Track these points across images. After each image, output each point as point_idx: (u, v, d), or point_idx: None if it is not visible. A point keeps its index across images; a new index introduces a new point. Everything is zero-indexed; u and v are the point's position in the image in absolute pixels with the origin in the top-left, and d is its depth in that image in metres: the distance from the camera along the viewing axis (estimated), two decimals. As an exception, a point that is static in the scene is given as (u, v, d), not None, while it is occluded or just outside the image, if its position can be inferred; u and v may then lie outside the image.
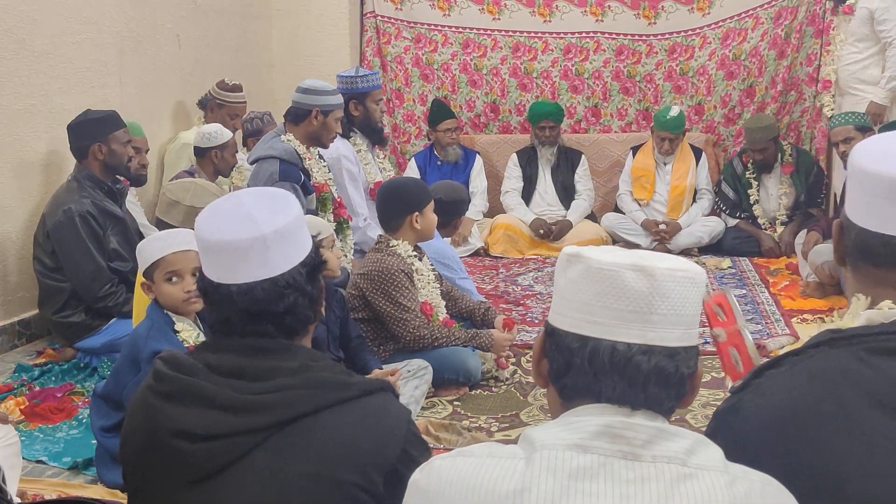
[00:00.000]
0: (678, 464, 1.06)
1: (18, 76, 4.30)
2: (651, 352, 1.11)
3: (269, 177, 3.95)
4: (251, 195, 1.52)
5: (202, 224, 1.50)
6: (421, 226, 3.60)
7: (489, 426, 3.24)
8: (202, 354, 1.50)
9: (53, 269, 4.00)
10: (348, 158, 4.60)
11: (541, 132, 6.33)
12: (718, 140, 6.78)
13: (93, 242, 3.92)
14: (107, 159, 4.03)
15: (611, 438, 1.08)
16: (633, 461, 1.07)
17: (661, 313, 1.11)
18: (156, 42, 5.43)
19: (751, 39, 6.58)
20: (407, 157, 6.89)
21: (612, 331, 1.11)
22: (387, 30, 7.04)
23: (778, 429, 1.24)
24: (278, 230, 1.46)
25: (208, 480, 1.41)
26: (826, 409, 1.22)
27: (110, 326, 3.93)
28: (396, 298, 3.46)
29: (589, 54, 6.83)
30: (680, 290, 1.13)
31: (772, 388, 1.28)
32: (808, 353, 1.30)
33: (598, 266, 1.13)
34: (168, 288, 2.64)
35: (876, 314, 1.31)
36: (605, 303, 1.12)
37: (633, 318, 1.11)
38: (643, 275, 1.11)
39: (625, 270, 1.12)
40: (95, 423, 2.73)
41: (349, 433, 1.40)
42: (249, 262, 1.45)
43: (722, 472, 1.07)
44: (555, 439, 1.09)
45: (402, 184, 3.80)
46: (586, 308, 1.13)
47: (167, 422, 1.43)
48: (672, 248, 5.99)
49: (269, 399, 1.40)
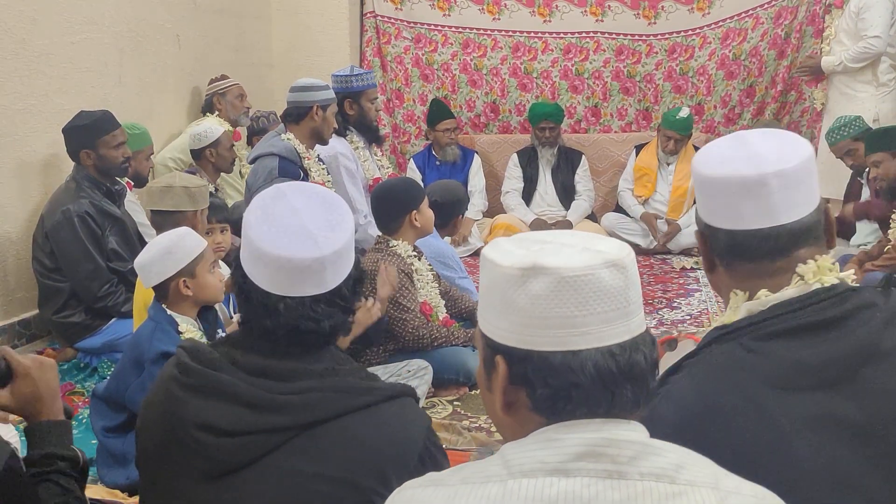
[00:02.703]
0: (667, 482, 1.01)
1: (18, 76, 4.30)
2: (639, 344, 1.06)
3: (269, 173, 3.96)
4: (301, 198, 1.47)
5: (255, 229, 1.45)
6: (420, 223, 3.60)
7: (489, 426, 3.24)
8: (226, 349, 1.49)
9: (52, 270, 3.99)
10: (345, 156, 4.60)
11: (541, 133, 6.33)
12: (718, 140, 6.77)
13: (91, 243, 3.91)
14: (97, 164, 4.01)
15: (594, 458, 1.01)
16: (618, 480, 1.00)
17: (633, 301, 1.07)
18: (156, 42, 5.42)
19: (751, 39, 6.58)
20: (407, 156, 6.89)
21: (603, 336, 1.04)
22: (387, 30, 7.04)
23: (692, 429, 1.28)
24: (336, 251, 1.44)
25: (227, 477, 1.41)
26: (730, 402, 1.30)
27: (110, 326, 3.93)
28: (396, 298, 3.46)
29: (589, 54, 6.83)
30: (635, 270, 1.09)
31: (678, 391, 1.35)
32: (702, 353, 1.38)
33: (571, 275, 1.03)
34: (211, 279, 2.66)
35: (754, 304, 1.39)
36: (590, 310, 1.04)
37: (617, 316, 1.05)
38: (616, 269, 1.05)
39: (599, 270, 1.04)
40: (97, 424, 2.73)
41: (371, 438, 1.41)
42: (303, 279, 1.43)
43: (713, 488, 1.02)
44: (534, 462, 1.02)
45: (395, 185, 3.79)
46: (569, 322, 1.04)
47: (192, 414, 1.42)
48: (672, 247, 6.01)
49: (293, 400, 1.41)
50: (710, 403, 1.31)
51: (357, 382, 1.46)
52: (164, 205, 3.41)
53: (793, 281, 1.39)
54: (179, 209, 3.39)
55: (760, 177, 1.37)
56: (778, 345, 1.33)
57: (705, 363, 1.37)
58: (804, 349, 1.32)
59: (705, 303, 4.82)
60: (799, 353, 1.32)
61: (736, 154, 1.41)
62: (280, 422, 1.40)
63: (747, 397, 1.30)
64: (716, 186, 1.42)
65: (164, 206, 3.41)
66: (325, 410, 1.41)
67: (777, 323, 1.35)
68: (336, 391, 1.43)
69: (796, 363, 1.31)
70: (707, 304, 4.78)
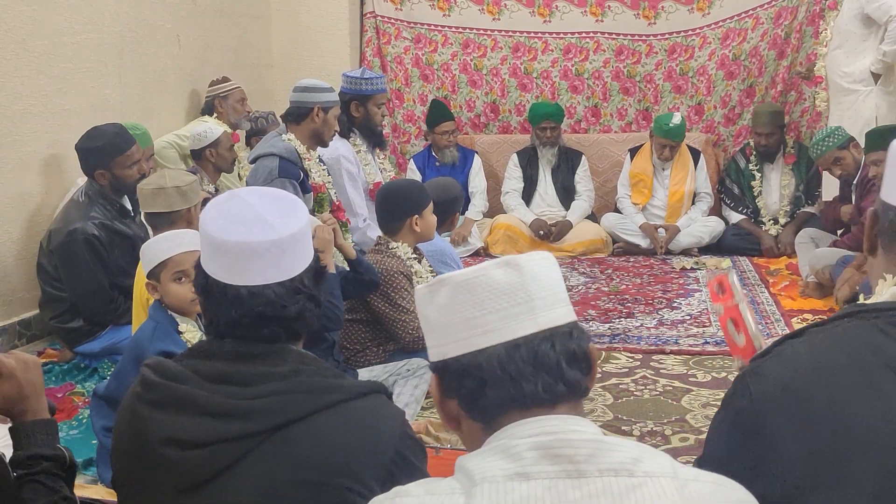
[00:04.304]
0: (626, 475, 1.03)
1: (18, 76, 4.30)
2: (552, 336, 1.11)
3: (269, 173, 3.95)
4: (255, 195, 1.49)
5: (211, 223, 1.46)
6: (421, 228, 3.60)
7: (489, 426, 3.24)
8: (190, 360, 1.48)
9: (56, 279, 3.99)
10: (348, 159, 4.60)
11: (542, 133, 6.33)
12: (718, 140, 6.78)
13: (96, 265, 3.89)
14: (112, 182, 3.99)
15: (552, 459, 1.04)
16: (578, 479, 1.03)
17: (541, 297, 1.12)
18: (156, 42, 5.43)
19: (751, 39, 6.58)
20: (407, 157, 6.89)
21: (505, 332, 1.10)
22: (387, 30, 7.04)
23: (797, 389, 1.23)
24: (294, 234, 1.44)
25: (199, 489, 1.39)
26: (845, 373, 1.22)
27: (109, 332, 3.93)
28: (395, 300, 3.46)
29: (589, 54, 6.83)
30: (546, 271, 1.15)
31: (793, 353, 1.29)
32: (832, 324, 1.31)
33: (463, 279, 1.13)
34: (175, 288, 2.64)
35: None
36: (487, 307, 1.11)
37: (519, 311, 1.11)
38: (509, 268, 1.13)
39: (491, 270, 1.12)
40: (97, 424, 2.73)
41: (341, 437, 1.39)
42: (262, 265, 1.43)
43: (672, 477, 1.04)
44: (495, 470, 1.05)
45: (401, 186, 3.81)
46: (470, 323, 1.11)
47: (156, 430, 1.41)
48: (673, 248, 6.01)
49: (259, 405, 1.38)
50: (823, 369, 1.23)
51: (323, 381, 1.44)
52: (157, 206, 3.33)
53: None
54: (173, 209, 3.33)
55: None
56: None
57: (831, 333, 1.29)
58: None
59: (705, 303, 4.82)
60: None
61: None
62: (247, 428, 1.37)
63: (864, 373, 1.21)
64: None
65: (157, 208, 3.34)
66: (291, 412, 1.38)
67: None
68: (302, 391, 1.41)
69: None
70: (707, 304, 4.78)
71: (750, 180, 6.11)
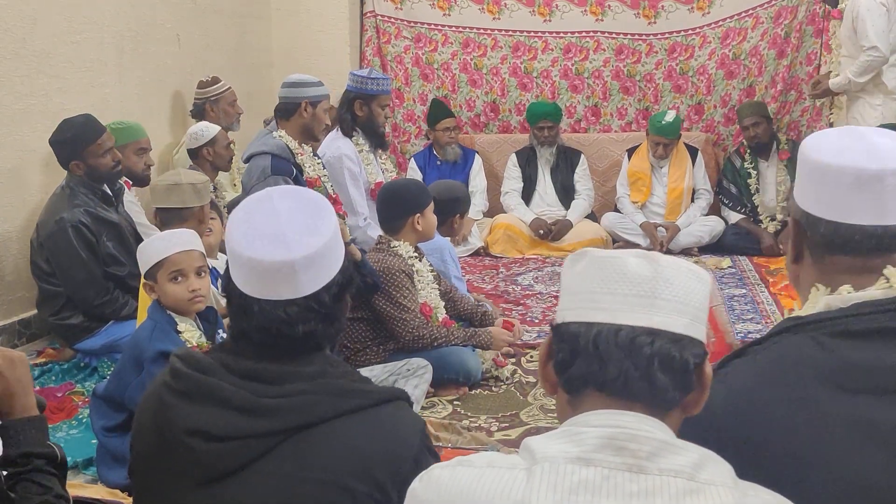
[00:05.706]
0: (685, 478, 1.03)
1: (18, 76, 4.30)
2: (656, 335, 1.10)
3: (262, 172, 3.97)
4: (287, 200, 1.47)
5: (234, 232, 1.45)
6: (422, 227, 3.61)
7: (489, 426, 3.24)
8: (219, 354, 1.48)
9: (50, 274, 3.98)
10: (350, 158, 4.60)
11: (539, 132, 6.33)
12: (718, 140, 6.78)
13: (86, 252, 3.88)
14: (87, 172, 3.98)
15: (614, 451, 1.05)
16: (637, 473, 1.04)
17: (665, 298, 1.11)
18: (156, 42, 5.43)
19: (751, 39, 6.58)
20: (407, 156, 6.89)
21: (616, 315, 1.11)
22: (387, 29, 7.04)
23: (740, 415, 1.26)
24: (308, 256, 1.41)
25: (219, 482, 1.39)
26: (785, 394, 1.26)
27: (109, 328, 3.92)
28: (396, 298, 3.46)
29: (589, 54, 6.83)
30: (684, 279, 1.13)
31: (735, 375, 1.32)
32: (771, 341, 1.35)
33: (601, 255, 1.15)
34: (172, 287, 2.64)
35: (834, 299, 1.35)
36: (609, 288, 1.12)
37: (637, 303, 1.11)
38: (646, 260, 1.13)
39: (628, 257, 1.14)
40: (97, 423, 2.74)
41: (363, 442, 1.39)
42: (274, 283, 1.42)
43: (731, 488, 1.04)
44: (557, 452, 1.07)
45: (403, 186, 3.81)
46: (591, 296, 1.13)
47: (182, 420, 1.41)
48: (673, 247, 6.00)
49: (284, 403, 1.39)
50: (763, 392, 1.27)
51: (348, 385, 1.44)
52: (170, 202, 3.44)
53: (878, 283, 1.35)
54: (186, 206, 3.44)
55: (879, 171, 1.32)
56: (847, 344, 1.28)
57: (771, 352, 1.33)
58: (871, 352, 1.27)
59: (705, 302, 4.81)
60: (863, 355, 1.27)
61: (855, 145, 1.36)
62: (270, 426, 1.38)
63: (803, 393, 1.25)
64: (828, 175, 1.36)
65: (170, 204, 3.44)
66: (315, 414, 1.39)
67: (853, 323, 1.30)
68: (326, 394, 1.41)
69: (857, 365, 1.27)
70: (707, 303, 4.78)
71: (746, 179, 6.12)
